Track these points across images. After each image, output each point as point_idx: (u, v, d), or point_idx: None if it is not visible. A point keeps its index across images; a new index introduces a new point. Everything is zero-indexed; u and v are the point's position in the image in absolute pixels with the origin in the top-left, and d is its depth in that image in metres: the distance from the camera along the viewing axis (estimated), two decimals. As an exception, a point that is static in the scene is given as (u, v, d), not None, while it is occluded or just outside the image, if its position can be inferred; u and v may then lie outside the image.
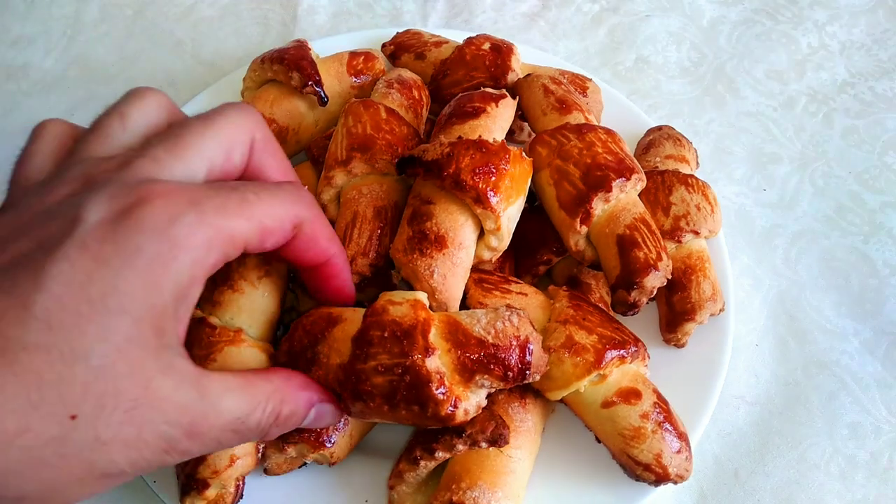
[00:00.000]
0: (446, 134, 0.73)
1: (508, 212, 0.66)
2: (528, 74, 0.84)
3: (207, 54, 1.13)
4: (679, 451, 0.64)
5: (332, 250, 0.55)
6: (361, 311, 0.57)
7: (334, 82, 0.88)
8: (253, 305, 0.64)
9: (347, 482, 0.69)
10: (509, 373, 0.54)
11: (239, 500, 0.63)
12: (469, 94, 0.78)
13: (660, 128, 0.90)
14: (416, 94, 0.84)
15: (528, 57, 0.93)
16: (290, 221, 0.49)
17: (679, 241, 0.77)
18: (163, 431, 0.40)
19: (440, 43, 0.92)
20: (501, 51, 0.86)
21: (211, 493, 0.61)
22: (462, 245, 0.66)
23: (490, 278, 0.70)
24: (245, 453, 0.62)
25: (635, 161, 0.73)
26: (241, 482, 0.63)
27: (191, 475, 0.61)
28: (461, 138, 0.68)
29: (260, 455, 0.64)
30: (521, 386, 0.68)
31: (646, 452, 0.63)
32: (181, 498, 0.61)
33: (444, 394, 0.52)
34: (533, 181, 0.71)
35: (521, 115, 0.84)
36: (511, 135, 0.89)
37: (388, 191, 0.73)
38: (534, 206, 0.76)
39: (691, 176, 0.80)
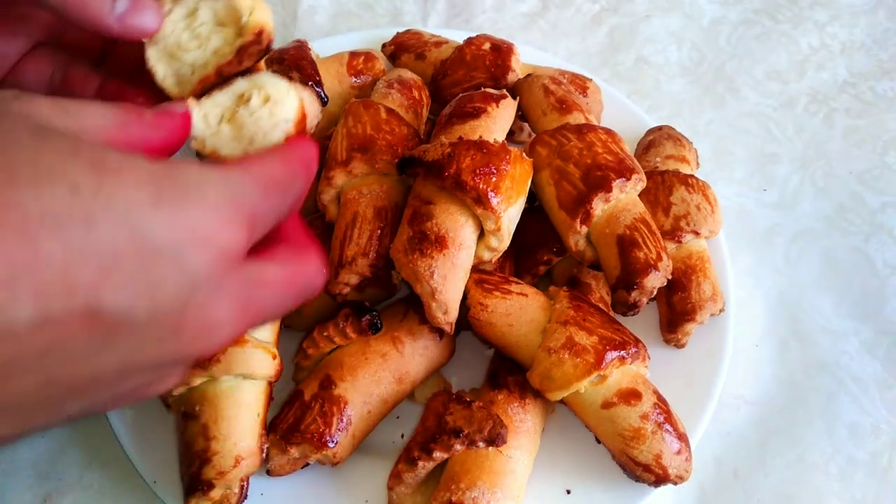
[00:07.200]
0: (447, 134, 0.73)
1: (509, 212, 0.66)
2: (529, 74, 0.84)
3: (208, 54, 1.13)
4: (679, 452, 0.64)
5: None
6: None
7: (334, 82, 0.88)
8: None
9: (348, 483, 0.69)
10: None
11: (243, 501, 0.64)
12: (469, 94, 0.78)
13: (660, 128, 0.90)
14: (416, 94, 0.84)
15: (528, 57, 0.93)
16: None
17: (679, 242, 0.77)
18: None
19: (440, 43, 0.92)
20: (501, 51, 0.86)
21: (216, 493, 0.61)
22: (462, 245, 0.66)
23: (490, 279, 0.70)
24: (250, 454, 0.62)
25: (635, 161, 0.73)
26: (245, 483, 0.63)
27: (195, 476, 0.60)
28: (462, 139, 0.68)
29: (264, 456, 0.64)
30: (520, 386, 0.68)
31: (645, 453, 0.63)
32: (186, 498, 0.61)
33: None
34: (533, 181, 0.71)
35: (522, 115, 0.84)
36: (511, 135, 0.89)
37: (388, 191, 0.73)
38: (534, 207, 0.76)
39: (691, 176, 0.80)
